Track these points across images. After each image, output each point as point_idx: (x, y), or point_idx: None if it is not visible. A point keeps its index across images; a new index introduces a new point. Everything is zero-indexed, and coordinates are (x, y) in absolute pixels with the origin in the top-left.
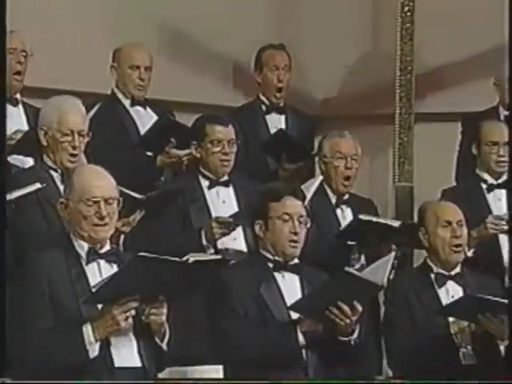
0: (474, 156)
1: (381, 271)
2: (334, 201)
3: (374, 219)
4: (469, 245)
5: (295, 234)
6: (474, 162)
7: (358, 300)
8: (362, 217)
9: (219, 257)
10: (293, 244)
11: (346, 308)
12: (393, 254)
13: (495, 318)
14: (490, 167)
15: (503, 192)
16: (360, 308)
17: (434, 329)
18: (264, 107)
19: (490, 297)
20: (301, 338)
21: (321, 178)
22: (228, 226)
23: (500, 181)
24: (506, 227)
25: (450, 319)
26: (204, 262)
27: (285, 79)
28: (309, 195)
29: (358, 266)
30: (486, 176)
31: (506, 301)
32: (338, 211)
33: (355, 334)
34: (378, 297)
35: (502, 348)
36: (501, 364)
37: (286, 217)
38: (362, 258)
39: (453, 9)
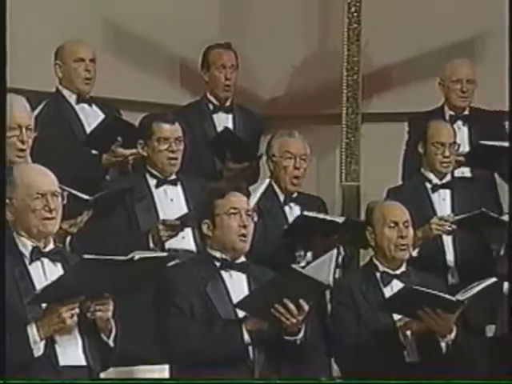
0: (420, 155)
1: (325, 269)
2: (282, 199)
3: (319, 216)
4: (414, 245)
5: (244, 227)
6: (420, 161)
7: (304, 298)
8: (306, 213)
9: (164, 254)
10: (242, 238)
11: (291, 307)
12: (335, 250)
13: (434, 314)
14: (435, 167)
15: (447, 192)
16: (306, 307)
17: (379, 326)
18: (211, 106)
19: (428, 290)
20: (246, 336)
21: (268, 180)
22: (175, 228)
23: (444, 181)
24: (449, 228)
25: (396, 317)
26: (150, 260)
27: (232, 78)
28: (256, 197)
29: (303, 264)
30: (431, 176)
31: (446, 295)
32: (287, 209)
33: (301, 334)
34: (325, 295)
35: (443, 345)
36: (442, 361)
37: (234, 211)
38: (309, 254)
39: (399, 9)
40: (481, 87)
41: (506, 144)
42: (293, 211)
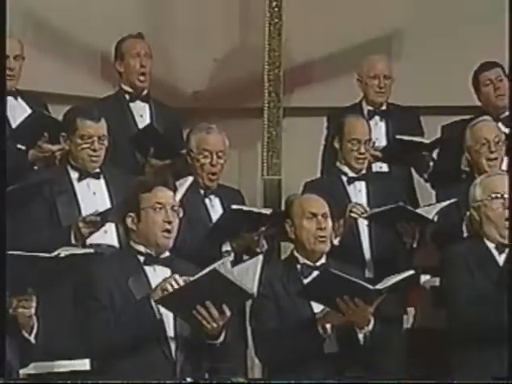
0: (336, 150)
1: (251, 274)
2: (202, 192)
3: (246, 208)
4: (336, 233)
5: (169, 222)
6: (336, 155)
7: (227, 304)
8: (233, 207)
9: (91, 250)
10: (166, 234)
11: (214, 311)
12: (261, 257)
13: (352, 303)
14: (351, 163)
15: (363, 184)
16: (228, 313)
17: (299, 318)
18: (127, 96)
19: (347, 276)
20: (171, 333)
21: (191, 178)
22: (96, 224)
23: (360, 174)
24: (365, 214)
25: (315, 309)
26: (75, 256)
27: (147, 65)
28: (181, 192)
29: (231, 258)
30: (347, 169)
31: (364, 283)
32: (207, 201)
33: (221, 337)
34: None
35: (361, 336)
36: (360, 352)
37: (159, 206)
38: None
39: (319, 5)
40: (397, 83)
41: (422, 139)
42: (213, 203)
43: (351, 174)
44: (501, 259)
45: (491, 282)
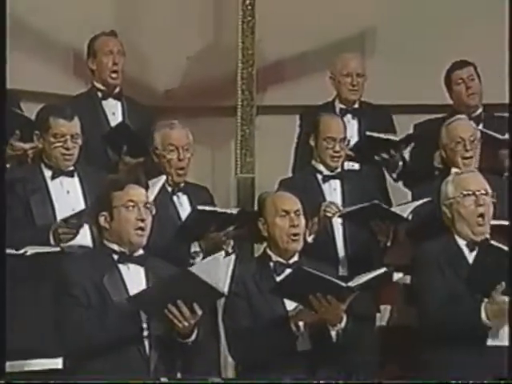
0: (312, 148)
1: (222, 275)
2: (170, 190)
3: (212, 208)
4: (310, 231)
5: (142, 220)
6: (311, 153)
7: (199, 303)
8: (199, 207)
9: (57, 249)
10: (139, 232)
11: (185, 310)
12: (233, 256)
13: (325, 300)
14: (326, 161)
15: (338, 182)
16: (200, 312)
17: (272, 316)
18: (100, 94)
19: (320, 273)
20: (145, 332)
21: (164, 177)
22: (74, 227)
23: (335, 172)
24: (339, 213)
25: (288, 307)
26: (42, 255)
27: (119, 63)
28: (155, 191)
29: (198, 260)
30: (322, 167)
31: (336, 280)
32: (175, 199)
33: (193, 336)
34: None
35: (333, 334)
36: (332, 350)
37: (131, 204)
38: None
39: (292, 3)
40: (370, 81)
41: (392, 136)
42: (180, 200)
43: (326, 173)
44: (471, 257)
45: (461, 280)
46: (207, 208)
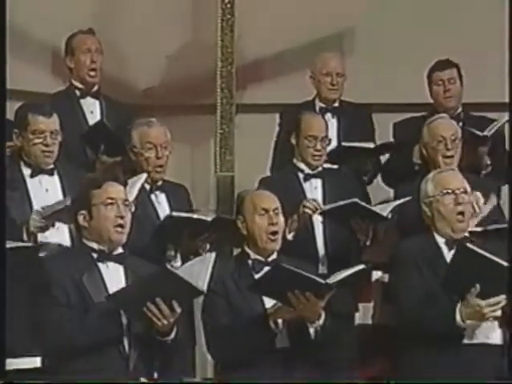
0: (293, 146)
1: (202, 271)
2: (148, 188)
3: (186, 215)
4: (289, 228)
5: (121, 217)
6: (292, 152)
7: (178, 301)
8: (174, 214)
9: (30, 244)
10: (119, 229)
11: (164, 308)
12: (213, 255)
13: (304, 297)
14: (307, 160)
15: (319, 181)
16: (178, 310)
17: (250, 313)
18: (78, 92)
19: (298, 270)
20: (124, 331)
21: (145, 175)
22: (48, 222)
23: (316, 171)
24: (319, 210)
25: (267, 304)
26: (20, 251)
27: (98, 61)
28: (135, 191)
29: (175, 264)
30: (303, 166)
31: (315, 277)
32: (153, 197)
33: (172, 334)
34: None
35: (311, 331)
36: (311, 347)
37: (110, 201)
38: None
39: (272, 2)
40: (350, 80)
41: (367, 145)
42: (159, 199)
43: (307, 171)
44: (449, 256)
45: (438, 279)
46: (182, 214)
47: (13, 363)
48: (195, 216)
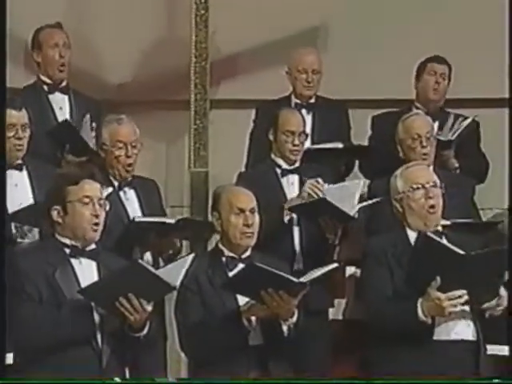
0: (271, 142)
1: (178, 268)
2: (116, 184)
3: (149, 219)
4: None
5: (96, 216)
6: (270, 147)
7: (150, 297)
8: (136, 219)
9: None
10: (94, 227)
11: (135, 302)
12: (191, 256)
13: (277, 295)
14: (285, 154)
15: (296, 177)
16: (149, 306)
17: (225, 311)
18: (46, 87)
19: (271, 269)
20: (95, 322)
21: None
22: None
23: (293, 167)
24: (320, 193)
25: (240, 302)
26: None
27: (66, 56)
28: (110, 189)
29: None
30: (281, 161)
31: (288, 276)
32: (121, 194)
33: (145, 330)
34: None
35: (285, 328)
36: (284, 344)
37: (86, 200)
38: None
39: None
40: (326, 76)
41: (336, 145)
42: (127, 196)
43: (285, 166)
44: None
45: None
46: (144, 219)
47: None
48: (157, 219)
